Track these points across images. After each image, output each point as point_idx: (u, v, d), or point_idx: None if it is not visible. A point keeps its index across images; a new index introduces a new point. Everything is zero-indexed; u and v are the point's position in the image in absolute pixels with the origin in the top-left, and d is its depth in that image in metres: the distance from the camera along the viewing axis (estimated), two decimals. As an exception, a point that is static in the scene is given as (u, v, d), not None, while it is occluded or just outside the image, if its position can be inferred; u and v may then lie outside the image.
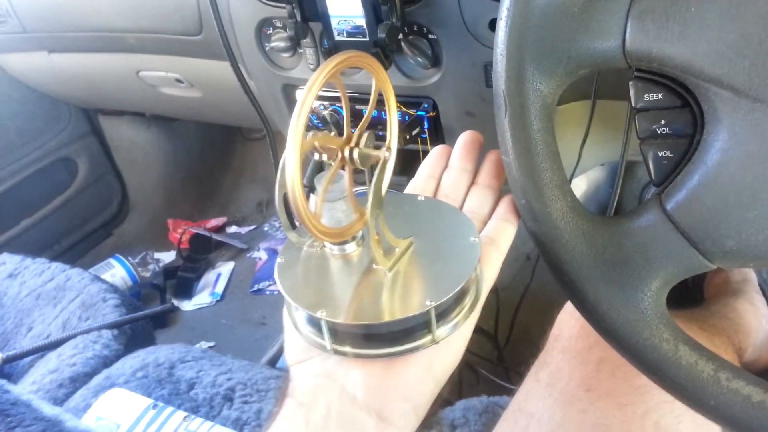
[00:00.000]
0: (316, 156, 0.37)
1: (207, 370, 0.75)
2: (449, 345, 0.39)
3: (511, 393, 0.59)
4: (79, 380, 0.79)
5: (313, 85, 0.32)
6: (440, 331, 0.38)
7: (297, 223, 0.41)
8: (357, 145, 0.37)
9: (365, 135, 0.37)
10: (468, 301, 0.40)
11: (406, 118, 0.78)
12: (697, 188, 0.36)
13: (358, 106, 0.80)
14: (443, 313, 0.38)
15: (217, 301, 1.42)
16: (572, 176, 0.78)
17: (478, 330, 1.01)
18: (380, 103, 0.41)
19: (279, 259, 0.41)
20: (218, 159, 1.75)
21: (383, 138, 0.41)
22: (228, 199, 1.73)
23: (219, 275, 1.49)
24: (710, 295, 0.80)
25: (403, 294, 0.38)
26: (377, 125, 0.82)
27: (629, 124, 0.63)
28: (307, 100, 0.32)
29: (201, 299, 1.43)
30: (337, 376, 0.38)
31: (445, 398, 0.89)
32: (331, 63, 0.33)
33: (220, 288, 1.45)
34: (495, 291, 0.98)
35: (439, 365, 0.39)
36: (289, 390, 0.39)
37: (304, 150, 0.33)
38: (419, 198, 0.46)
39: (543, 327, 0.62)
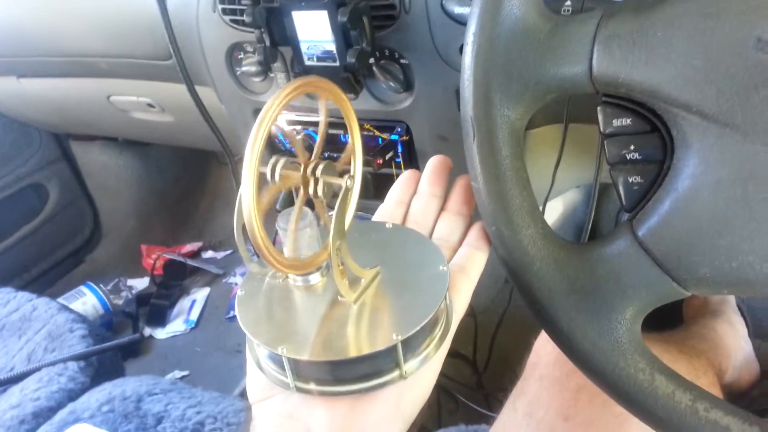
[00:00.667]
0: (276, 180, 0.36)
1: (176, 403, 0.73)
2: (418, 379, 0.38)
3: (490, 421, 0.58)
4: (42, 415, 0.76)
5: (267, 114, 0.31)
6: (408, 366, 0.37)
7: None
8: (314, 173, 0.35)
9: (323, 164, 0.36)
10: (437, 332, 0.39)
11: (380, 141, 0.77)
12: (668, 214, 0.35)
13: (332, 131, 0.79)
14: (411, 346, 0.37)
15: (192, 328, 1.39)
16: (547, 199, 0.78)
17: (457, 355, 1.00)
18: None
19: (239, 292, 0.40)
20: (193, 183, 1.72)
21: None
22: (203, 223, 1.71)
23: (194, 302, 1.46)
24: (689, 316, 0.79)
25: (369, 327, 0.36)
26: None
27: (601, 147, 0.62)
28: (262, 128, 0.31)
29: (175, 327, 1.39)
30: (300, 415, 0.36)
31: (423, 426, 0.87)
32: (285, 91, 0.32)
33: (194, 315, 1.42)
34: (472, 315, 0.97)
35: (408, 401, 0.38)
36: (251, 430, 0.37)
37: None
38: (387, 225, 0.45)
39: (521, 351, 0.61)
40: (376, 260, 0.41)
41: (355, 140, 0.40)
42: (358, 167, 0.40)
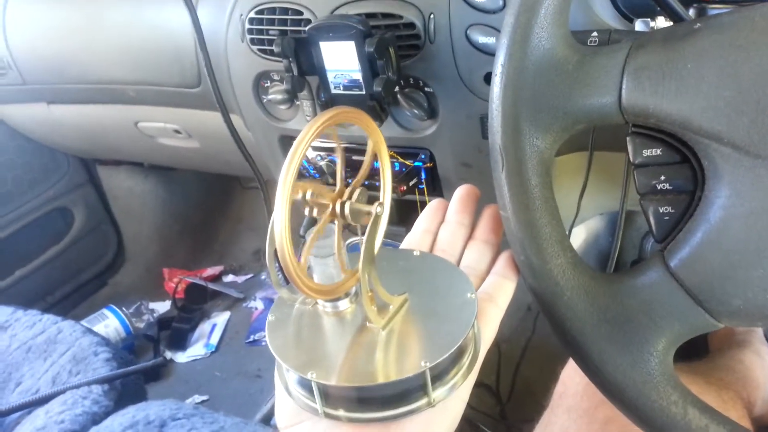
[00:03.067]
0: (306, 211, 0.36)
1: (199, 429, 0.73)
2: (446, 408, 0.37)
3: (513, 452, 0.57)
4: (66, 438, 0.76)
5: (302, 143, 0.31)
6: (437, 393, 0.36)
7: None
8: (349, 199, 0.36)
9: (358, 190, 0.36)
10: (465, 360, 0.38)
11: (404, 169, 0.78)
12: (700, 246, 0.35)
13: (355, 157, 0.80)
14: (440, 374, 0.37)
15: (212, 352, 1.40)
16: (572, 226, 0.77)
17: (480, 384, 0.99)
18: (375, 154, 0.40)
19: (270, 317, 0.40)
20: (216, 207, 1.74)
21: (378, 188, 0.40)
22: (225, 247, 1.72)
23: (214, 326, 1.46)
24: (715, 347, 0.78)
25: (398, 354, 0.36)
26: (374, 176, 0.81)
27: (627, 177, 0.62)
28: (296, 156, 0.31)
29: (195, 351, 1.40)
30: (329, 441, 0.36)
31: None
32: (319, 120, 0.32)
33: (215, 339, 1.43)
34: (496, 344, 0.96)
35: (436, 429, 0.37)
36: (280, 457, 0.37)
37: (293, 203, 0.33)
38: (414, 253, 0.45)
39: (546, 381, 0.60)
40: (404, 287, 0.41)
41: (384, 169, 0.40)
42: (387, 194, 0.40)
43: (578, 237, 1.00)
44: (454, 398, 0.37)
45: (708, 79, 0.33)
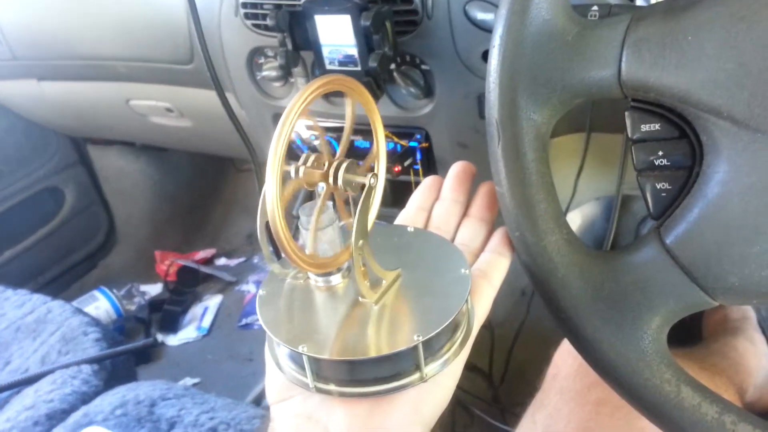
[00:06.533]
0: (300, 176, 0.35)
1: (189, 409, 0.72)
2: (438, 383, 0.37)
3: (505, 434, 0.57)
4: (55, 417, 0.76)
5: (293, 110, 0.31)
6: (429, 368, 0.36)
7: (282, 254, 0.40)
8: (337, 171, 0.35)
9: (346, 162, 0.35)
10: (458, 336, 0.38)
11: (399, 148, 0.77)
12: (697, 222, 0.34)
13: (350, 137, 0.79)
14: (432, 348, 0.36)
15: (204, 335, 1.39)
16: (567, 210, 0.77)
17: (472, 368, 0.99)
18: (371, 132, 0.40)
19: (261, 292, 0.40)
20: (209, 190, 1.73)
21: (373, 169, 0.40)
22: (217, 230, 1.71)
23: (206, 309, 1.46)
24: (709, 333, 0.78)
25: (390, 328, 0.36)
26: (366, 155, 0.81)
27: (625, 156, 0.62)
28: (286, 124, 0.31)
29: (187, 333, 1.40)
30: (319, 416, 0.36)
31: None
32: (310, 87, 0.32)
33: (206, 322, 1.42)
34: (489, 327, 0.96)
35: (427, 405, 0.37)
36: (269, 431, 0.37)
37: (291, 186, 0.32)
38: (408, 229, 0.44)
39: (539, 365, 0.60)
40: (398, 263, 0.40)
41: (379, 139, 0.40)
42: (381, 166, 0.40)
43: (573, 222, 0.99)
44: (446, 374, 0.37)
45: (709, 52, 0.33)
